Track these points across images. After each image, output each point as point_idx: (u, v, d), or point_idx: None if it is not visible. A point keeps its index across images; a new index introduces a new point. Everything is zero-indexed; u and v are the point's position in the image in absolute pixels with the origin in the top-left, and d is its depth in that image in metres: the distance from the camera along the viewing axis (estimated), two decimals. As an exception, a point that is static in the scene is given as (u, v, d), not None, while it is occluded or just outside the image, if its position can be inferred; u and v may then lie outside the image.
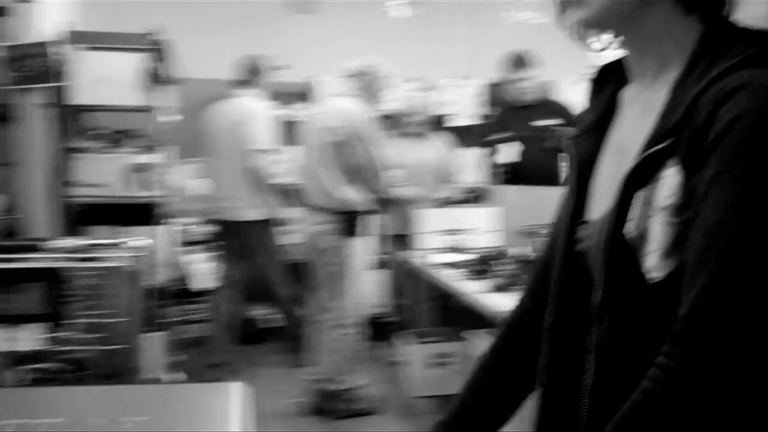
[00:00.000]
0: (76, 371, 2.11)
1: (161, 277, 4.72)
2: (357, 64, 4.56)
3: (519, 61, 5.17)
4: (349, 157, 4.39)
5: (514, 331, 1.41)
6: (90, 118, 5.09)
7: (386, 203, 5.40)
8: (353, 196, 4.44)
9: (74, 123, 4.90)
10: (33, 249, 2.11)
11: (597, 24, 1.13)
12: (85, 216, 4.72)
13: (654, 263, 1.05)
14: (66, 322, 2.10)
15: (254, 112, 5.19)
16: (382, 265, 5.97)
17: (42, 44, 4.31)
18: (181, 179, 5.59)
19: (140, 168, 4.66)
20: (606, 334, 1.13)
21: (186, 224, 5.79)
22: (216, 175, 5.40)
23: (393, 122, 5.90)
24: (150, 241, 4.43)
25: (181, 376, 4.92)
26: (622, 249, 1.08)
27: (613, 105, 1.23)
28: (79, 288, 2.16)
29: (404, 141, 5.56)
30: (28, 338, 2.05)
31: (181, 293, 5.61)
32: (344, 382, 4.54)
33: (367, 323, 4.94)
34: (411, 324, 4.93)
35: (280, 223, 5.52)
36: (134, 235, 2.39)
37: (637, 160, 1.07)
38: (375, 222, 5.41)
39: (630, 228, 1.07)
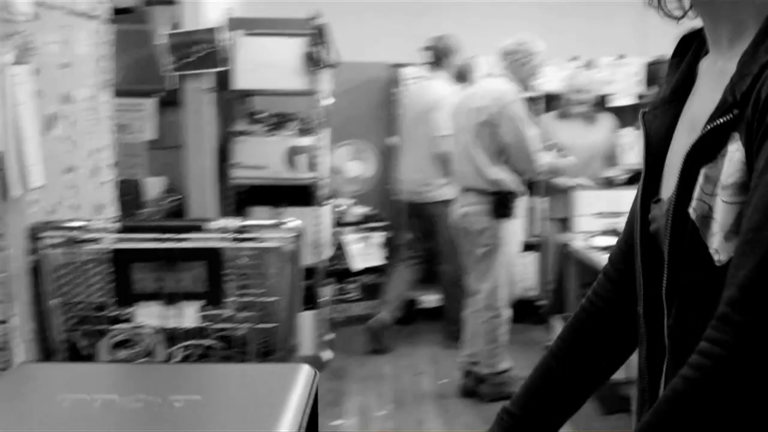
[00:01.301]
0: (234, 348, 2.17)
1: (318, 256, 4.82)
2: (509, 42, 4.49)
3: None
4: (498, 137, 4.33)
5: (590, 316, 1.33)
6: (252, 102, 5.24)
7: (538, 185, 5.32)
8: (504, 176, 4.38)
9: (237, 107, 5.05)
10: (196, 229, 2.18)
11: None
12: (246, 197, 4.87)
13: (719, 245, 0.97)
14: (225, 300, 2.17)
15: (443, 97, 5.19)
16: (537, 247, 5.90)
17: (207, 31, 4.47)
18: (339, 161, 5.68)
19: (299, 150, 4.76)
20: (676, 319, 1.05)
21: (343, 205, 5.88)
22: (402, 158, 5.50)
23: (554, 102, 5.80)
24: (308, 221, 4.54)
25: (329, 354, 5.03)
26: (687, 230, 1.01)
27: (692, 77, 1.14)
28: (238, 267, 2.22)
29: (566, 122, 5.45)
30: (190, 315, 2.13)
31: (337, 273, 5.72)
32: (495, 366, 4.51)
33: (519, 306, 4.89)
34: (565, 307, 4.86)
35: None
36: (293, 216, 2.44)
37: (700, 133, 0.99)
38: (530, 204, 5.34)
39: (693, 207, 1.00)
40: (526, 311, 5.58)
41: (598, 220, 4.65)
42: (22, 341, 2.00)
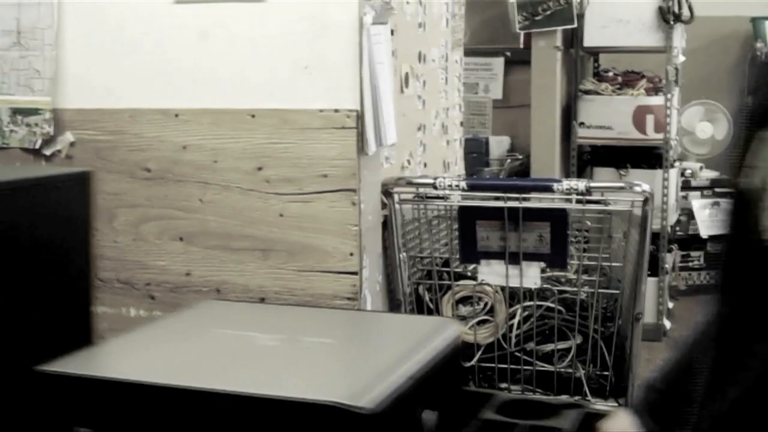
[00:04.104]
0: (575, 312, 2.14)
1: (663, 222, 4.65)
2: None
3: None
4: None
5: None
6: (601, 59, 5.12)
7: None
8: None
9: (584, 65, 4.96)
10: (541, 189, 2.17)
11: None
12: (589, 157, 4.79)
13: None
14: (568, 263, 2.14)
15: None
16: None
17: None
18: (688, 122, 5.41)
19: (648, 110, 4.60)
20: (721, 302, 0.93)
21: (691, 169, 5.61)
22: None
23: None
24: (654, 184, 4.36)
25: (668, 323, 4.83)
26: (744, 202, 0.84)
27: None
28: (582, 230, 2.18)
29: None
30: (532, 276, 2.12)
31: (681, 239, 5.48)
32: None
33: None
34: None
35: None
36: (637, 178, 2.36)
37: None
38: None
39: (748, 176, 0.83)
40: None
41: None
42: (371, 292, 2.09)
